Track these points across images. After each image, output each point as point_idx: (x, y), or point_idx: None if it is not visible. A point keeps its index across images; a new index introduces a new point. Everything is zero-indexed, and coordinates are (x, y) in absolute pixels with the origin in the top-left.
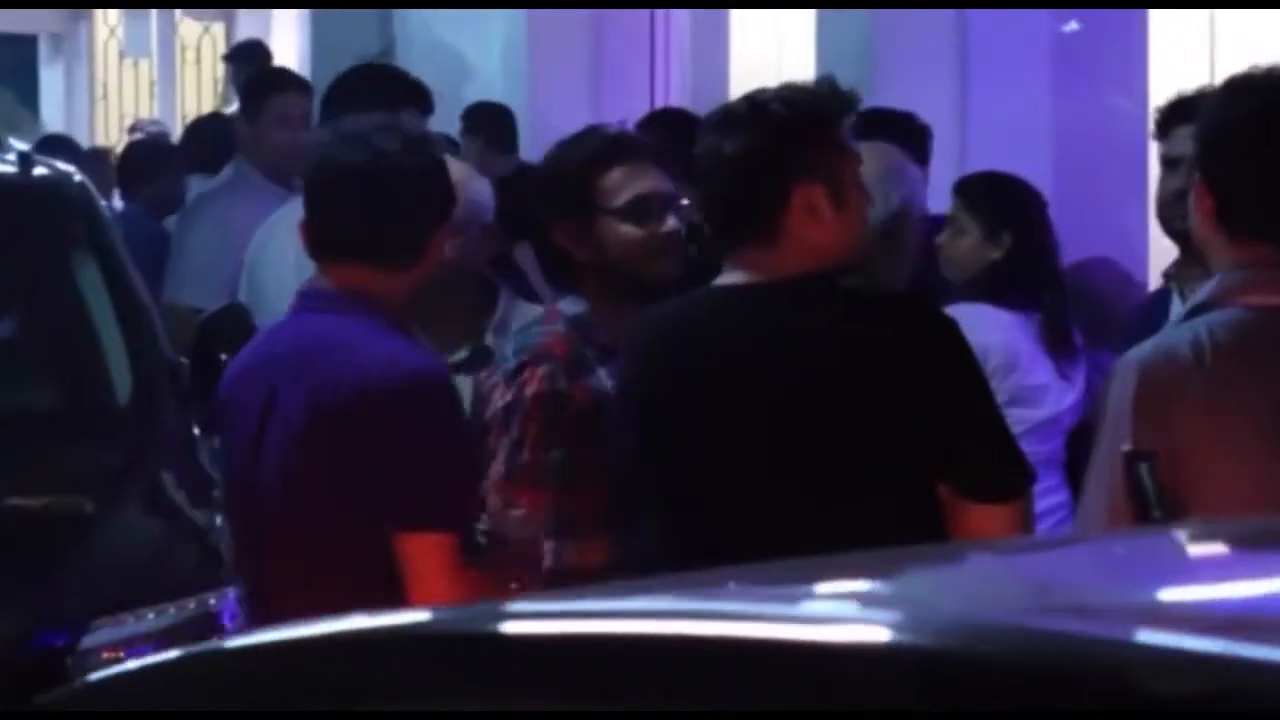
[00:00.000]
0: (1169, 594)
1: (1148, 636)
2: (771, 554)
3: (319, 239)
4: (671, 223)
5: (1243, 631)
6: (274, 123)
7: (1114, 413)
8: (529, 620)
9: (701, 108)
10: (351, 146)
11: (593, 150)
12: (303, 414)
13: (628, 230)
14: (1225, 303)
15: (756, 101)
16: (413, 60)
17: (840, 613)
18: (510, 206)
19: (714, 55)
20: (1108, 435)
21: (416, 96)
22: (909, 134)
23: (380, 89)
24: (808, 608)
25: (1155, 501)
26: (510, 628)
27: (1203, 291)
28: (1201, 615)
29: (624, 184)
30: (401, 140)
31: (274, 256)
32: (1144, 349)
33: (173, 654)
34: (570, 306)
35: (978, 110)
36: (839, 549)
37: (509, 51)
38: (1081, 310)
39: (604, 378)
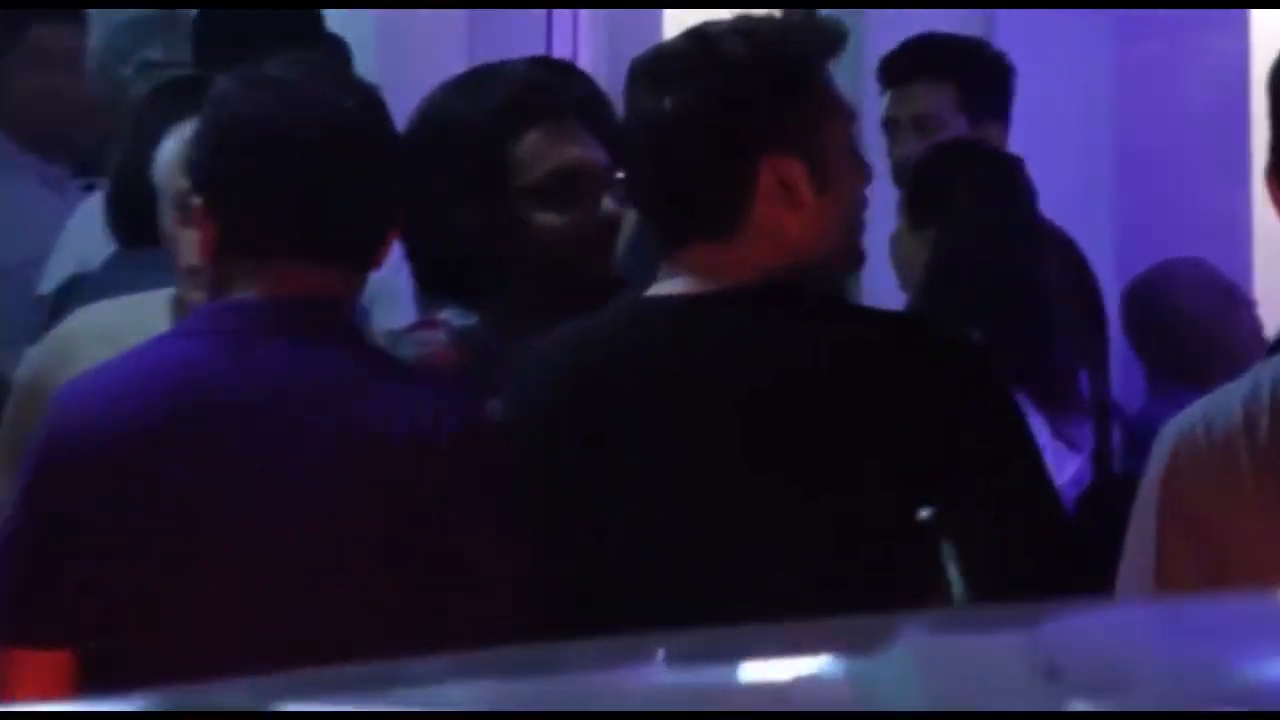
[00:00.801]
0: None
1: None
2: (756, 548)
3: (246, 232)
4: (608, 205)
5: None
6: (29, 62)
7: (1142, 501)
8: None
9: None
10: (289, 100)
11: (498, 103)
12: (317, 476)
13: (547, 216)
14: None
15: (705, 37)
16: None
17: None
18: None
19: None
20: (1134, 528)
21: (318, 30)
22: (979, 71)
23: (271, 22)
24: None
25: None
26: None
27: None
28: None
29: (542, 152)
30: (354, 91)
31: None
32: (1188, 414)
33: None
34: (458, 319)
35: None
36: (826, 544)
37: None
38: (1157, 334)
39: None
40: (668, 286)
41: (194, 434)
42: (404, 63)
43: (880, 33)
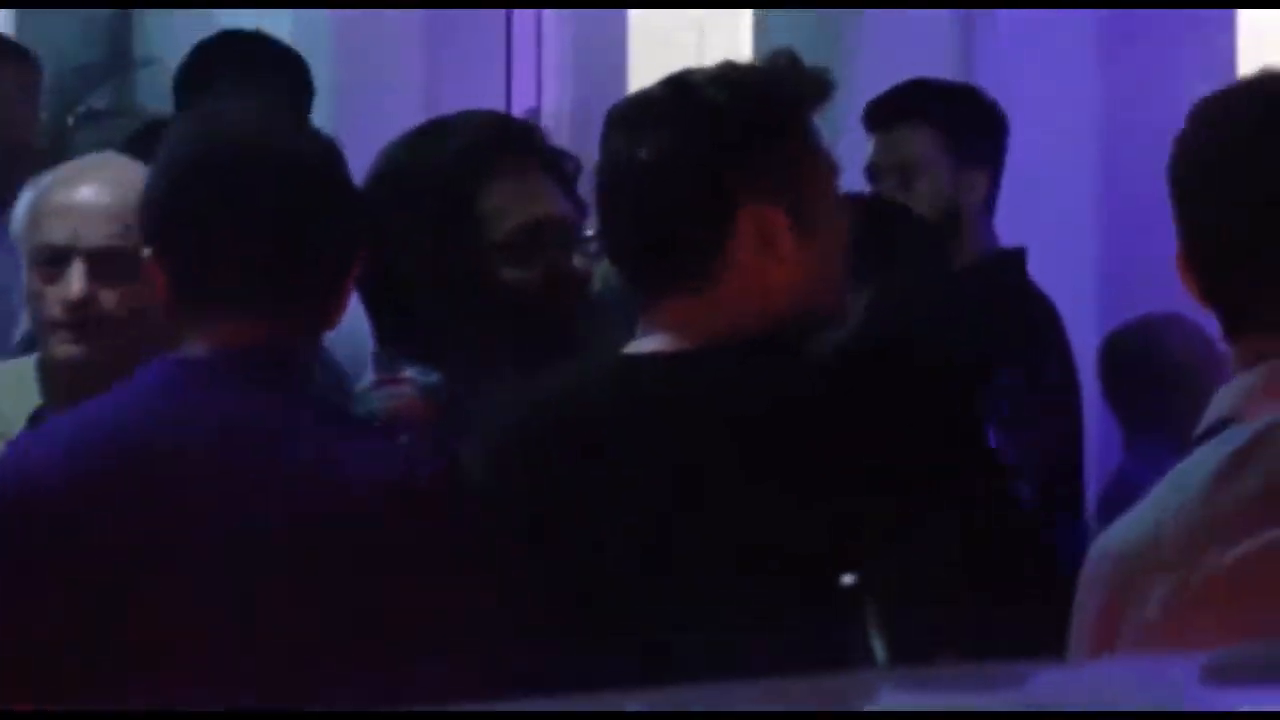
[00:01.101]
0: None
1: None
2: (756, 555)
3: (196, 283)
4: (577, 263)
5: None
6: None
7: (1076, 621)
8: None
9: (585, 136)
10: (241, 150)
11: (461, 154)
12: (279, 536)
13: (514, 271)
14: (1241, 419)
15: (685, 85)
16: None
17: None
18: None
19: (604, 71)
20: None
21: (298, 78)
22: (967, 117)
23: (253, 66)
24: None
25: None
26: None
27: (1214, 405)
28: None
29: (508, 206)
30: (310, 141)
31: None
32: (1107, 537)
33: None
34: (421, 376)
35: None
36: (822, 548)
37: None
38: (1134, 390)
39: None
40: (647, 344)
41: (142, 494)
42: (361, 66)
43: (860, 70)
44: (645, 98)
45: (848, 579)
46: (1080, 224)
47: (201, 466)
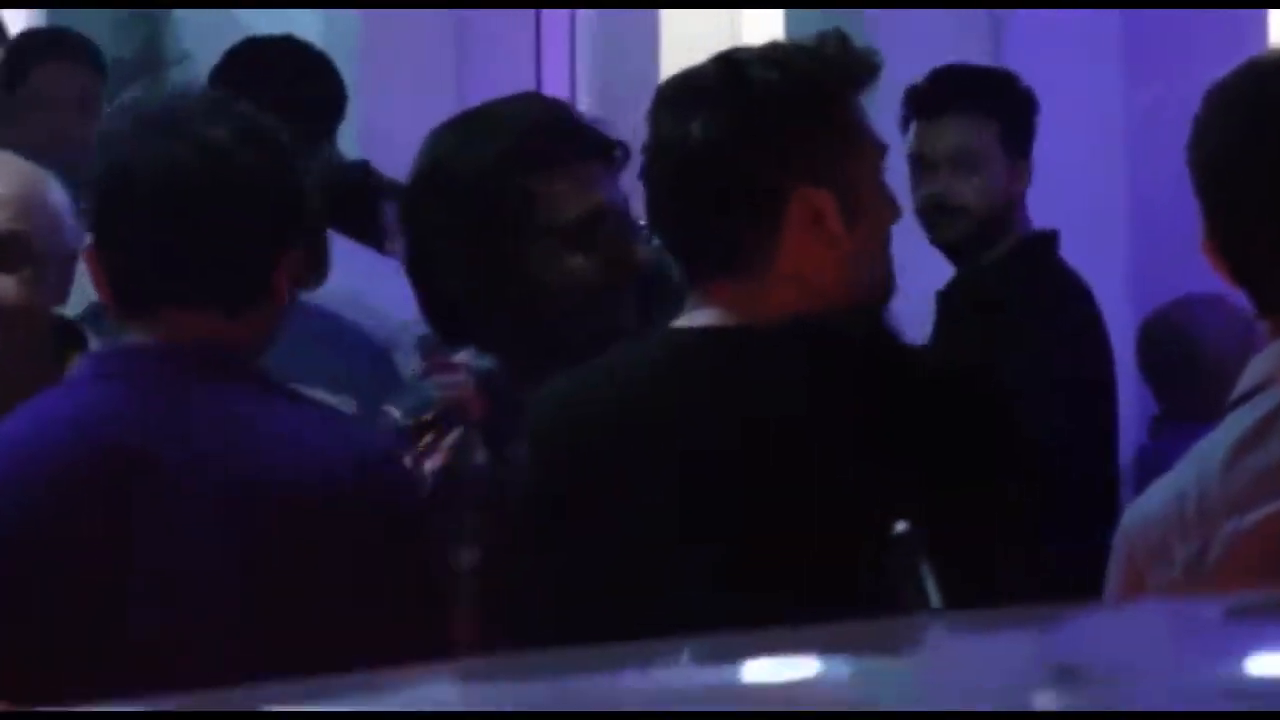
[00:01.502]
0: None
1: None
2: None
3: (127, 276)
4: (639, 250)
5: None
6: (30, 104)
7: (1108, 587)
8: None
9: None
10: (165, 139)
11: (526, 139)
12: (231, 527)
13: (576, 260)
14: (1274, 385)
15: (733, 63)
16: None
17: None
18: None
19: (634, 71)
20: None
21: (329, 83)
22: (1016, 106)
23: (286, 71)
24: None
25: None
26: None
27: (1248, 374)
28: None
29: (573, 192)
30: (231, 127)
31: None
32: (1135, 505)
33: None
34: (474, 359)
35: None
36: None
37: (333, 34)
38: (1174, 373)
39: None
40: (696, 319)
41: (126, 485)
42: (390, 65)
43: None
44: (694, 77)
45: (901, 526)
46: (1111, 206)
47: (184, 455)
